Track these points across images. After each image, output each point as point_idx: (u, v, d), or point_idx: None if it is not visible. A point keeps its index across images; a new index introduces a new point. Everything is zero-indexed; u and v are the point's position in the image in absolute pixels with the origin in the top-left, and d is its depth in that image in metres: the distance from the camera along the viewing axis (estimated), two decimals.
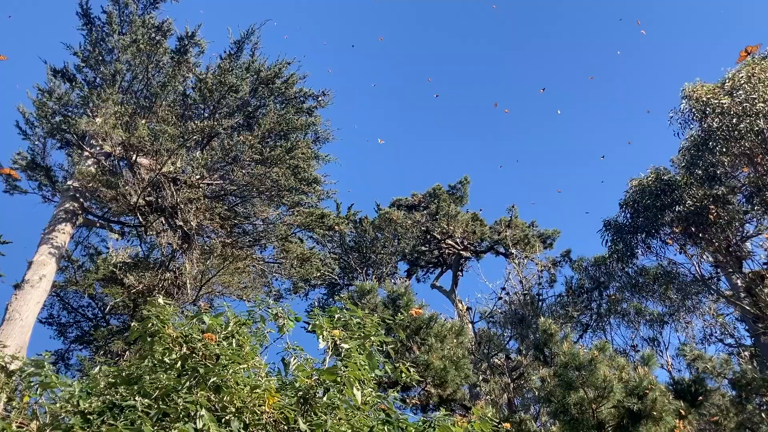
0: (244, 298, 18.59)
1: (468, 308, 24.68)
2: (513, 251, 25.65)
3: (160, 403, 4.53)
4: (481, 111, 58.50)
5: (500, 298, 23.13)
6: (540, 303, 23.44)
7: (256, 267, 19.13)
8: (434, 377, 14.21)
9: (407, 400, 14.56)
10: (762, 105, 16.82)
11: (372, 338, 5.88)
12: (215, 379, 4.70)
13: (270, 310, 5.53)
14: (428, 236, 28.58)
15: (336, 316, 5.91)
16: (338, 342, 5.45)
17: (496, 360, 20.57)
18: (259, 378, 4.97)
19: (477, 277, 38.92)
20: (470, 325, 22.88)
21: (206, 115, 17.27)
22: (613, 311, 24.95)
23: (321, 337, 5.64)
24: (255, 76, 17.66)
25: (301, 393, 4.93)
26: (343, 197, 35.75)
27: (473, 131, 58.40)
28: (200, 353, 4.96)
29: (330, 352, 5.55)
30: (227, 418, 4.57)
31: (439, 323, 15.71)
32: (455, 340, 15.50)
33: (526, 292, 23.07)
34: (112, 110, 15.35)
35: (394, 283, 16.51)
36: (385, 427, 4.88)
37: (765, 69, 17.86)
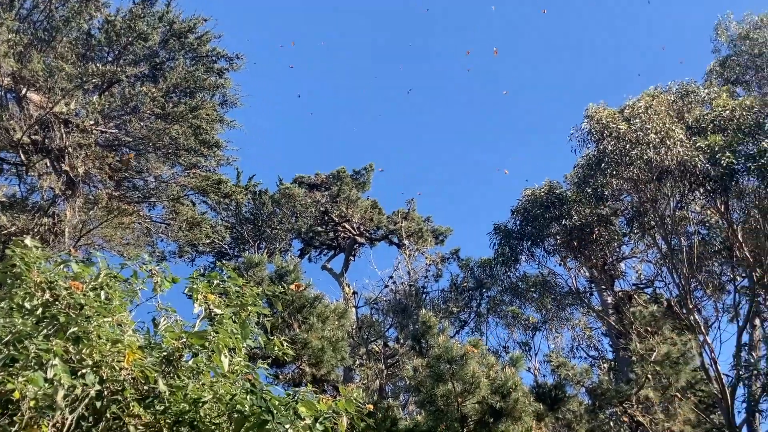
0: (125, 255, 17.87)
1: (354, 292, 24.86)
2: (406, 243, 26.05)
3: (11, 348, 4.27)
4: (397, 100, 58.97)
5: (386, 287, 23.46)
6: (424, 295, 23.95)
7: (141, 224, 18.43)
8: (311, 356, 14.20)
9: (281, 377, 14.51)
10: (654, 136, 17.76)
11: (249, 308, 5.79)
12: (76, 329, 4.49)
13: (145, 267, 5.33)
14: (326, 217, 28.53)
15: (215, 281, 5.78)
16: (212, 307, 5.33)
17: (374, 346, 20.87)
18: (123, 334, 4.78)
19: (368, 263, 39.27)
20: (354, 310, 23.06)
21: (110, 59, 16.43)
22: (492, 312, 25.93)
23: (196, 300, 5.50)
24: (167, 27, 16.97)
25: (165, 354, 4.79)
26: (246, 166, 35.07)
27: (388, 118, 58.70)
28: (64, 301, 4.72)
29: (204, 316, 5.43)
30: (83, 371, 4.37)
31: (323, 304, 15.69)
32: (337, 322, 15.54)
33: (412, 283, 23.51)
34: (6, 37, 14.28)
35: (285, 260, 16.32)
36: (248, 397, 4.81)
37: (662, 102, 18.89)
